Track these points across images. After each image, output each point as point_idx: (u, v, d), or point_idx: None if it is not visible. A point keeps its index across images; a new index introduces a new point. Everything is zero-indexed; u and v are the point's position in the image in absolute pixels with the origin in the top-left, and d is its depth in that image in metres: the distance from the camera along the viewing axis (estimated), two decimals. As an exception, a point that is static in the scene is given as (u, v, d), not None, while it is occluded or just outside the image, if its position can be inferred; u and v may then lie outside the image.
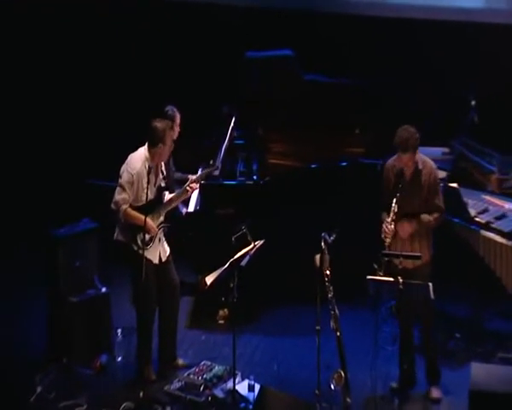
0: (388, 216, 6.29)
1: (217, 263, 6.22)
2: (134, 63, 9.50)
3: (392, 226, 6.25)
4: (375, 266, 6.12)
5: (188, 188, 6.73)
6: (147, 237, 6.56)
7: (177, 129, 7.35)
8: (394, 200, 6.26)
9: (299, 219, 7.60)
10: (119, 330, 7.11)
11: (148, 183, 6.46)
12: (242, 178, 7.81)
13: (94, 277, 7.25)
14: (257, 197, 7.63)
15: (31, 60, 9.51)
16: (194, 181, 6.79)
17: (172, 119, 7.27)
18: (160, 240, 6.76)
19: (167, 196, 6.81)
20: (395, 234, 6.31)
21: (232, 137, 7.93)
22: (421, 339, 6.65)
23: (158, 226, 6.69)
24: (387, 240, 6.26)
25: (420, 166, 6.38)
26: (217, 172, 7.42)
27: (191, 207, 7.59)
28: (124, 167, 6.64)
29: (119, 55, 9.49)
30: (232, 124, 7.89)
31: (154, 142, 6.58)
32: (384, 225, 6.31)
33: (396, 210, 6.25)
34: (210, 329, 7.53)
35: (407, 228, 6.32)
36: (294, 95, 8.12)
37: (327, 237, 5.98)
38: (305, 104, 8.12)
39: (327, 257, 5.95)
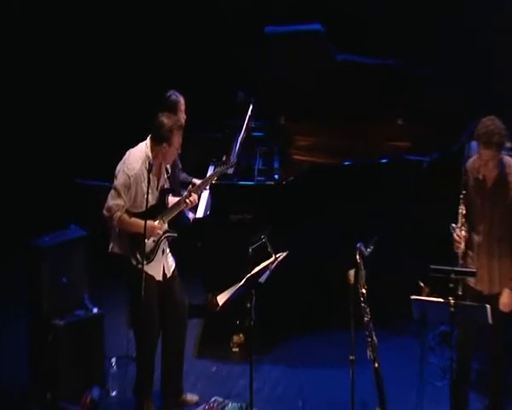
0: (457, 222, 6.17)
1: (231, 279, 6.19)
2: (131, 45, 9.52)
3: (464, 232, 6.14)
4: (421, 284, 6.09)
5: (187, 201, 6.65)
6: (148, 247, 6.52)
7: (182, 116, 7.30)
8: (460, 201, 6.14)
9: (330, 226, 7.58)
10: (114, 360, 7.10)
11: (149, 183, 6.41)
12: (261, 178, 7.77)
13: (84, 295, 7.23)
14: (279, 200, 7.59)
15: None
16: (195, 190, 6.67)
17: (175, 105, 7.24)
18: (163, 252, 6.72)
19: (172, 199, 6.75)
20: (467, 245, 6.20)
21: (249, 128, 7.89)
22: (488, 374, 6.56)
23: (161, 235, 6.66)
24: (460, 250, 6.13)
25: (506, 171, 6.20)
26: (231, 171, 7.33)
27: (200, 213, 7.53)
28: (120, 166, 6.58)
29: (112, 36, 9.52)
30: (249, 113, 7.86)
31: (158, 139, 6.56)
32: (454, 234, 6.19)
33: (464, 212, 6.14)
34: (222, 358, 7.51)
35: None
36: (324, 78, 8.11)
37: (363, 248, 5.93)
38: (338, 89, 8.10)
39: (363, 273, 5.91)
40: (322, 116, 8.25)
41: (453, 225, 6.18)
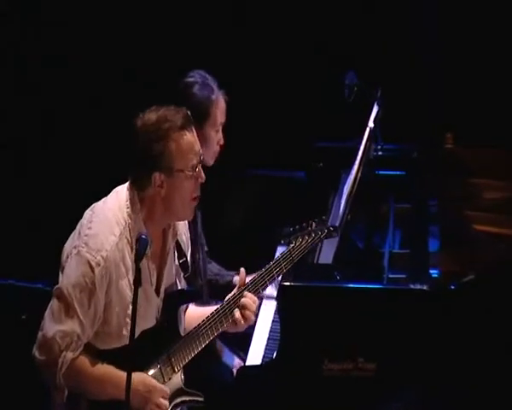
0: None
1: None
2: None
3: None
4: None
5: (236, 314, 7.09)
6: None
7: (216, 137, 8.00)
8: None
9: None
10: None
11: (138, 281, 6.51)
12: (399, 276, 7.95)
13: None
14: (440, 327, 7.64)
15: None
16: (253, 289, 7.07)
17: (206, 110, 8.06)
18: (172, 436, 6.72)
19: (192, 314, 7.13)
20: None
21: (369, 158, 8.35)
22: None
23: (172, 402, 7.04)
24: None
25: None
26: (330, 254, 7.72)
27: (256, 354, 7.88)
28: (71, 245, 6.82)
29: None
30: (370, 124, 8.37)
31: (145, 168, 6.80)
32: None
33: None
34: None
35: None
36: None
37: None
38: None
39: None
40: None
41: None
